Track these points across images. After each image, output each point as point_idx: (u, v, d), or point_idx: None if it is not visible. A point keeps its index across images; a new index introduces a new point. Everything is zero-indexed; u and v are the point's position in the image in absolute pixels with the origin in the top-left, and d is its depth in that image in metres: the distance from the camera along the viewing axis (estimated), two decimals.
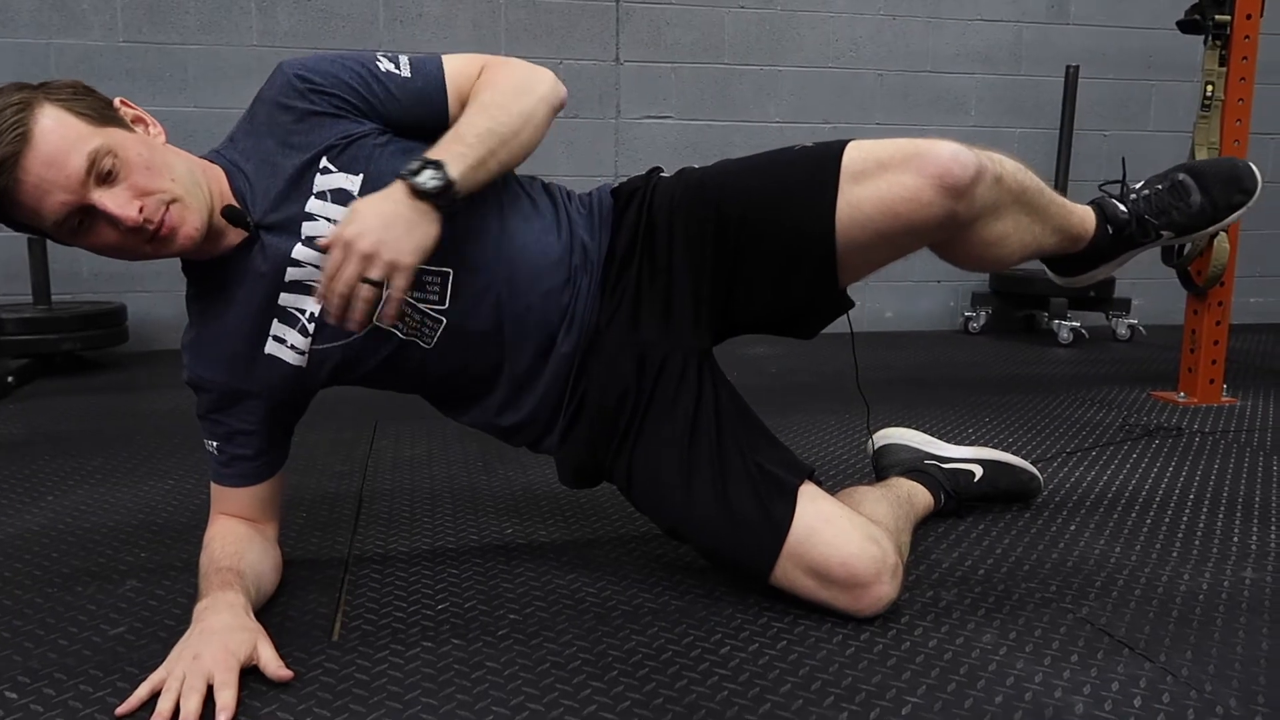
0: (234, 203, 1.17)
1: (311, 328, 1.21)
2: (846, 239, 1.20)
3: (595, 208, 1.31)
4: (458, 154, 1.11)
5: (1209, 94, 2.33)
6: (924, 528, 1.50)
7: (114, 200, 1.06)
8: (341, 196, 1.16)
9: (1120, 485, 1.77)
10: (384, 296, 1.10)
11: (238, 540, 1.23)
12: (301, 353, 1.22)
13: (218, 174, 1.18)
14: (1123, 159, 1.59)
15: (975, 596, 1.29)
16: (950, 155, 1.16)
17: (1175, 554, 1.44)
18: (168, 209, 1.09)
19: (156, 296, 3.10)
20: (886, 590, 1.19)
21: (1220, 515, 1.61)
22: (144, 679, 1.02)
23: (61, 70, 2.99)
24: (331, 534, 1.53)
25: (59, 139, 1.03)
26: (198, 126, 3.07)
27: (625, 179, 1.36)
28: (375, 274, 1.06)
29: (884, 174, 1.17)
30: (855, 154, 1.19)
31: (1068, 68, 3.50)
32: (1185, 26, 2.37)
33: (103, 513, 1.62)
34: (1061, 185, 3.56)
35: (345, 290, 1.07)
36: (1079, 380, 2.77)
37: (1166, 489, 1.75)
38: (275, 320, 1.21)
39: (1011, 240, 1.28)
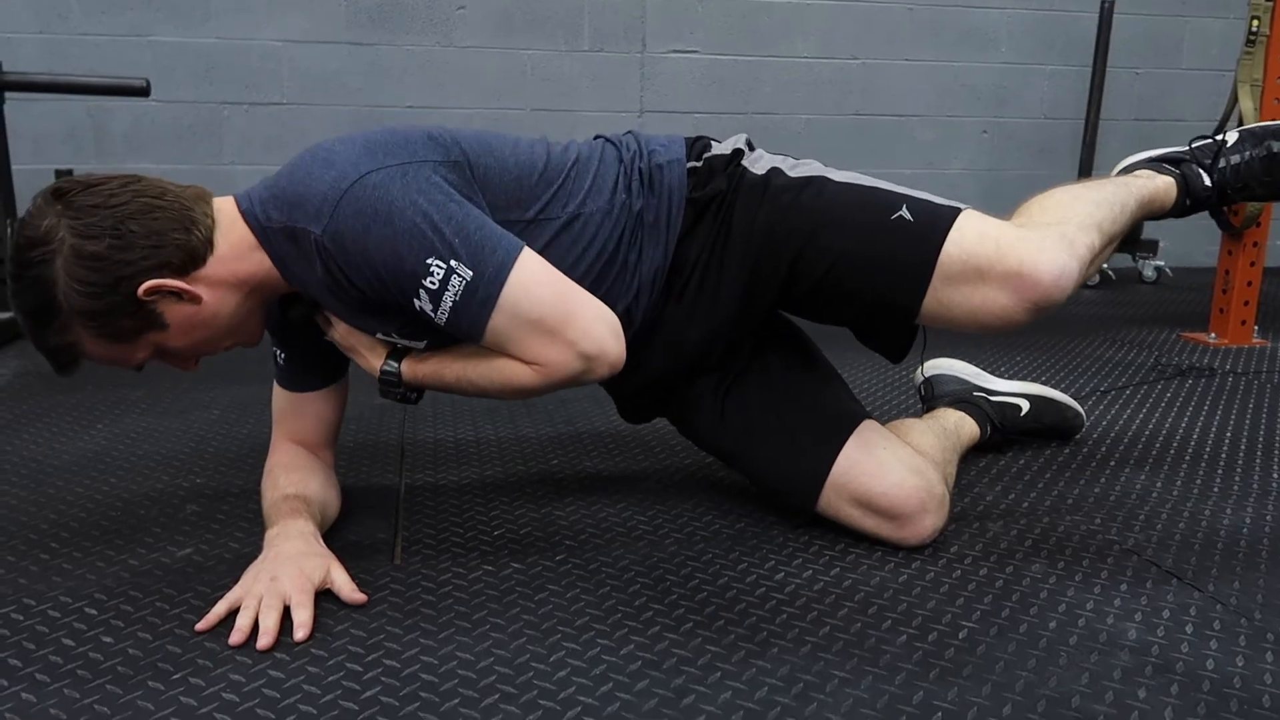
0: (288, 293, 1.18)
1: None
2: (927, 320, 1.19)
3: (666, 208, 1.23)
4: (430, 383, 1.18)
5: (1254, 29, 2.28)
6: (965, 462, 1.51)
7: (174, 365, 1.17)
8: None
9: (1156, 424, 1.78)
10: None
11: (301, 469, 1.25)
12: None
13: (269, 276, 1.13)
14: (1223, 118, 1.55)
15: (1021, 528, 1.31)
16: (1052, 280, 1.09)
17: (1216, 490, 1.46)
18: (226, 350, 1.18)
19: None
20: (932, 521, 1.21)
21: (1258, 454, 1.62)
22: (217, 598, 1.05)
23: (82, 3, 2.95)
24: (380, 462, 1.55)
25: (109, 359, 1.12)
26: (220, 59, 3.04)
27: (702, 159, 1.26)
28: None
29: (980, 285, 1.12)
30: (955, 252, 1.13)
31: (1102, 3, 3.43)
32: None
33: (153, 440, 1.64)
34: (1092, 124, 3.51)
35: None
36: (1108, 321, 2.76)
37: (1203, 428, 1.76)
38: None
39: (1090, 274, 1.22)
